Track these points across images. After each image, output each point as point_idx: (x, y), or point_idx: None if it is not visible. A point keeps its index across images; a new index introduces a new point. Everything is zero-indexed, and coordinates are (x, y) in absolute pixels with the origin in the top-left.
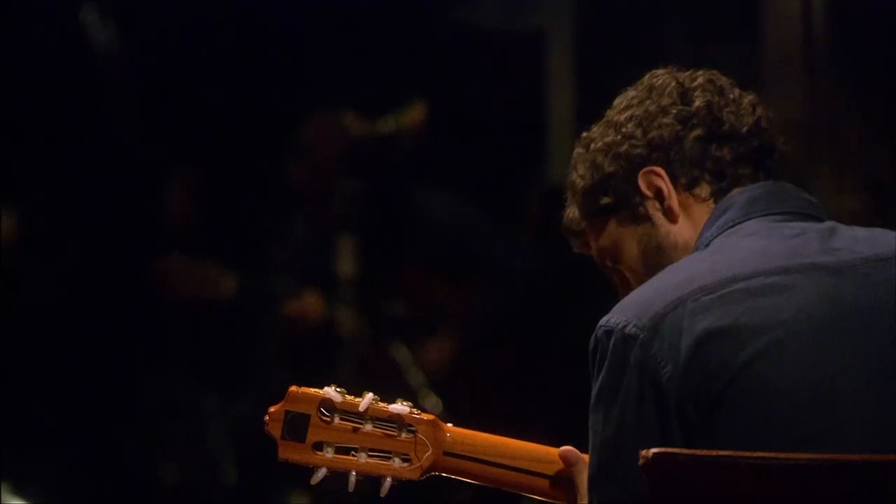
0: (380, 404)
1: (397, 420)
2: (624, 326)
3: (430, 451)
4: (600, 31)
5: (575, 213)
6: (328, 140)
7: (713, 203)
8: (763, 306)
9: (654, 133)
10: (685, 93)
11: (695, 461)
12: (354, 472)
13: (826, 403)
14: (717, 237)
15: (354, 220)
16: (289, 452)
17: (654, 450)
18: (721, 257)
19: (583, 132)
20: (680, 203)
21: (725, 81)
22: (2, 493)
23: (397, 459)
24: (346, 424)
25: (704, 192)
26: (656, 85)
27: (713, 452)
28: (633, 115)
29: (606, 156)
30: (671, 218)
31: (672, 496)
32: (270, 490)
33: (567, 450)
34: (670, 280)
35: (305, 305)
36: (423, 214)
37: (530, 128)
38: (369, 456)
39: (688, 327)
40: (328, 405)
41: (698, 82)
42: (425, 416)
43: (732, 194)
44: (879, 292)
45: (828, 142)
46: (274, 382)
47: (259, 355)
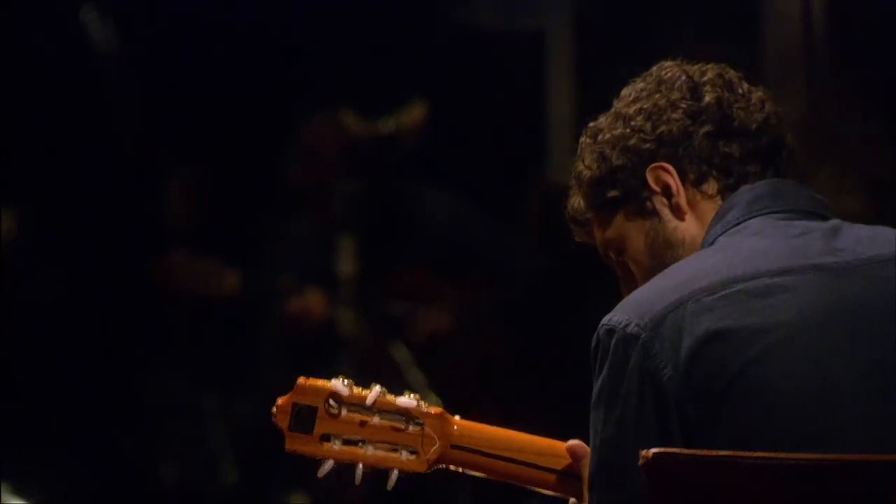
0: (387, 397)
1: (405, 413)
2: (626, 326)
3: (438, 444)
4: (600, 31)
5: (580, 203)
6: (328, 140)
7: (720, 200)
8: (764, 307)
9: (664, 128)
10: (695, 87)
11: (695, 461)
12: (361, 465)
13: (827, 404)
14: (721, 236)
15: (354, 220)
16: (296, 444)
17: (654, 450)
18: (723, 257)
19: (589, 122)
20: (687, 199)
21: (734, 76)
22: (2, 493)
23: (404, 452)
24: (354, 417)
25: (712, 189)
26: (666, 78)
27: (713, 452)
28: (643, 109)
29: (614, 148)
30: (678, 214)
31: (672, 496)
32: (270, 490)
33: (574, 443)
34: (672, 280)
35: (308, 303)
36: (423, 214)
37: (530, 128)
38: (376, 448)
39: (689, 328)
40: (336, 397)
41: (708, 77)
42: (433, 410)
43: (738, 192)
44: (882, 293)
45: (828, 142)
46: (274, 382)
47: (260, 355)
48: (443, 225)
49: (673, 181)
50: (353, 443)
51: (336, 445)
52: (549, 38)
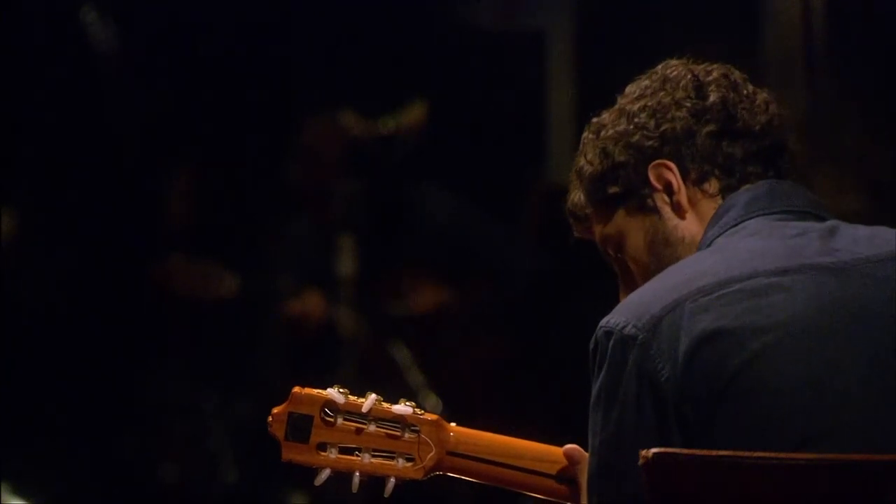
0: (383, 405)
1: (401, 420)
2: (623, 327)
3: (434, 452)
4: (600, 31)
5: (580, 198)
6: (328, 140)
7: (721, 199)
8: (761, 307)
9: (667, 126)
10: (700, 87)
11: (695, 461)
12: (358, 473)
13: (825, 404)
14: (719, 237)
15: (354, 220)
16: (293, 453)
17: (654, 450)
18: (721, 257)
19: (593, 117)
20: (688, 198)
21: (739, 76)
22: (2, 493)
23: (401, 460)
24: (350, 425)
25: (713, 189)
26: (671, 76)
27: (713, 452)
28: (647, 106)
29: (617, 144)
30: (679, 212)
31: (672, 496)
32: (270, 490)
33: (571, 448)
34: (670, 281)
35: (307, 305)
36: (424, 214)
37: (530, 128)
38: (373, 456)
39: (686, 328)
40: (331, 406)
41: (713, 76)
42: (429, 417)
43: (736, 193)
44: (879, 292)
45: (828, 142)
46: (274, 382)
47: (259, 355)
48: (443, 225)
49: (675, 179)
50: (350, 451)
51: (332, 454)
52: (549, 38)
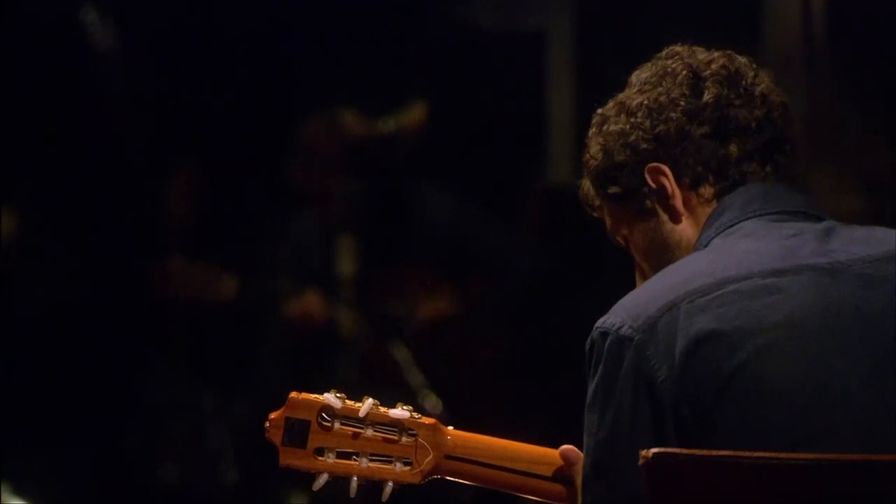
0: (380, 409)
1: (398, 425)
2: (619, 328)
3: (431, 455)
4: (600, 31)
5: (590, 189)
6: (328, 140)
7: (716, 202)
8: (757, 308)
9: (662, 127)
10: (696, 83)
11: (695, 461)
12: (356, 478)
13: (822, 404)
14: (715, 238)
15: (354, 220)
16: (290, 458)
17: (654, 450)
18: (717, 258)
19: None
20: (684, 202)
21: (742, 64)
22: (2, 493)
23: (398, 464)
24: (347, 430)
25: (708, 193)
26: (670, 70)
27: (713, 452)
28: (644, 103)
29: (617, 143)
30: (675, 217)
31: (672, 496)
32: (270, 490)
33: (567, 449)
34: (666, 282)
35: (306, 305)
36: (424, 214)
37: (530, 128)
38: (370, 461)
39: (682, 329)
40: (328, 411)
41: (712, 69)
42: (426, 420)
43: (732, 194)
44: (875, 292)
45: (828, 142)
46: (274, 382)
47: (259, 355)
48: (443, 225)
49: (669, 184)
50: (347, 456)
51: (330, 459)
52: (549, 38)
